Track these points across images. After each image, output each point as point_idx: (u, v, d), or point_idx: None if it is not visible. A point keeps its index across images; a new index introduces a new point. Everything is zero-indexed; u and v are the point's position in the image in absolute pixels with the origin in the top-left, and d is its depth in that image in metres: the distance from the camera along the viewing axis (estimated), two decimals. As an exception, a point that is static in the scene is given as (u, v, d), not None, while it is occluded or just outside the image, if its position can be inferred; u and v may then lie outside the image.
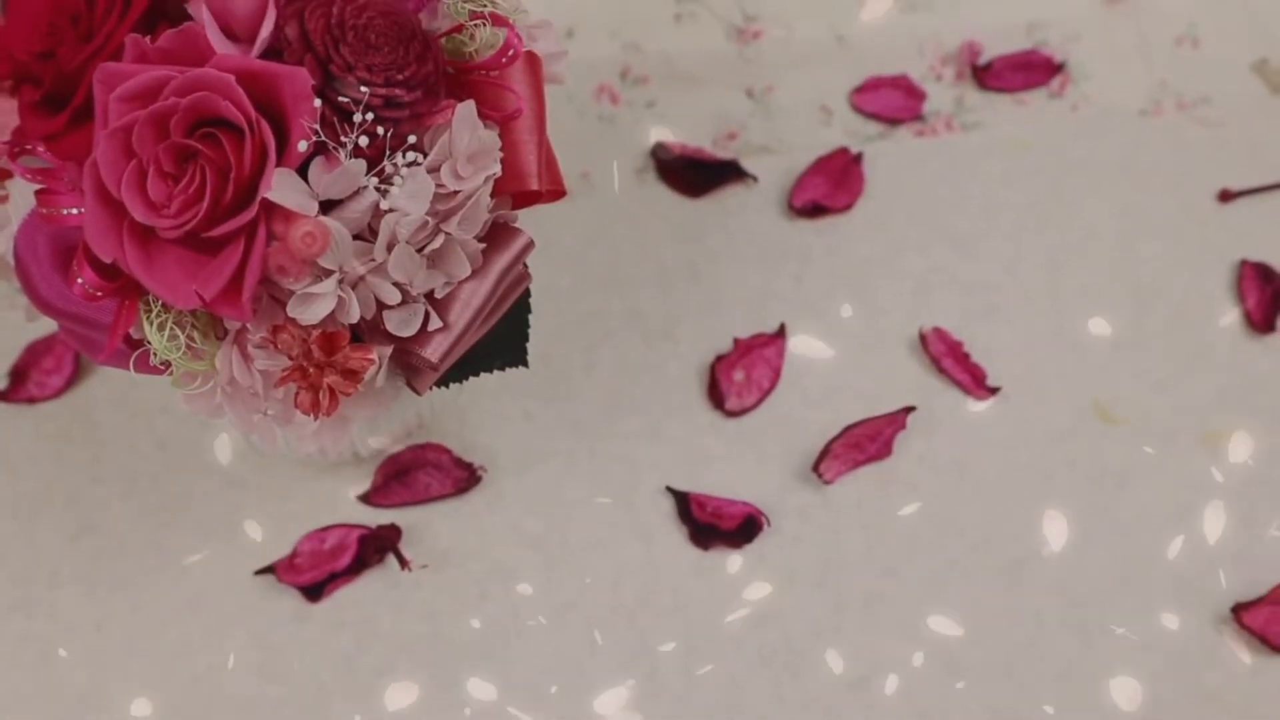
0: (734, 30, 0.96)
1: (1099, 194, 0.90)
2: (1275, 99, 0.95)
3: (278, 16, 0.56)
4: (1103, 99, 0.94)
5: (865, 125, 0.92)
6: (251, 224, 0.54)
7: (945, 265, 0.87)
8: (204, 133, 0.55)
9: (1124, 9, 0.98)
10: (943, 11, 0.97)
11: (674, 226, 0.88)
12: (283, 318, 0.56)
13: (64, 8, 0.59)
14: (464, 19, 0.59)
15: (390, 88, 0.54)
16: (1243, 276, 0.86)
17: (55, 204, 0.60)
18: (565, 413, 0.81)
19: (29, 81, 0.60)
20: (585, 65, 0.92)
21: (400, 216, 0.54)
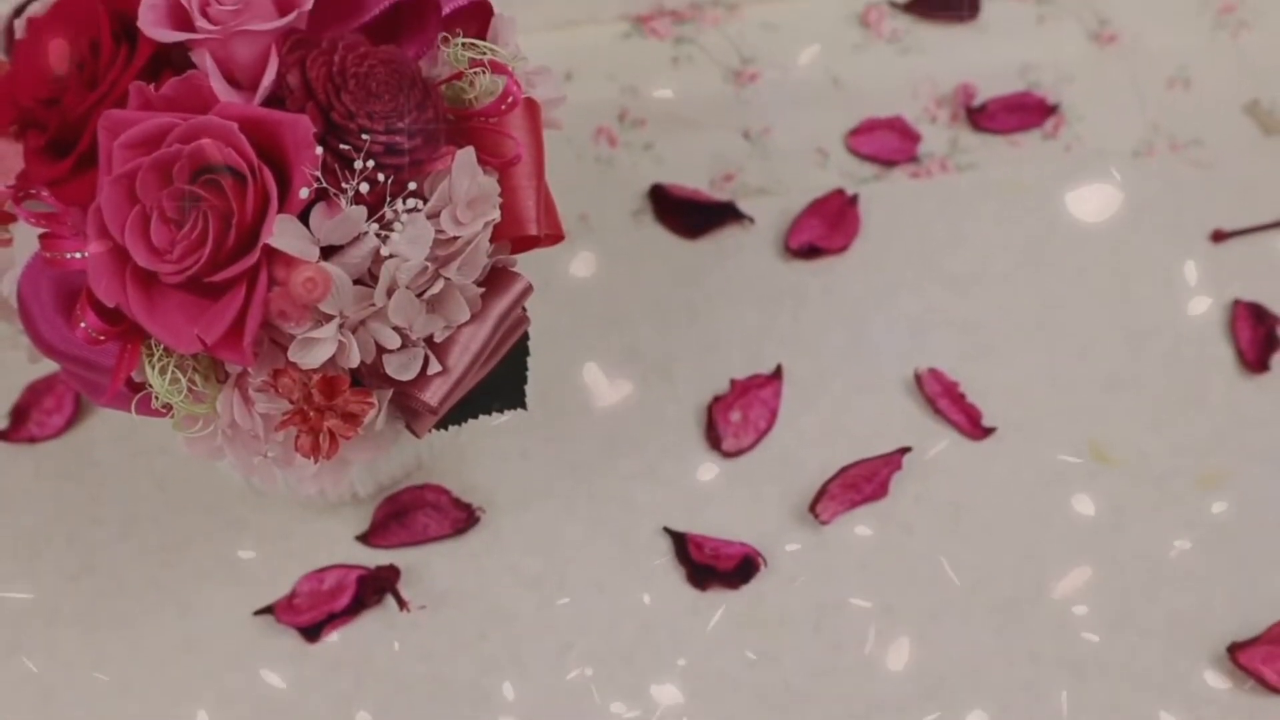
0: (731, 73, 0.97)
1: (1091, 233, 0.90)
2: (1266, 140, 0.95)
3: (280, 64, 0.57)
4: (1095, 140, 0.95)
5: (861, 167, 0.93)
6: (253, 269, 0.55)
7: (940, 306, 0.87)
8: (206, 179, 0.56)
9: (1116, 51, 0.99)
10: (937, 54, 0.98)
11: (671, 268, 0.88)
12: (284, 362, 0.57)
13: (70, 54, 0.60)
14: (464, 66, 0.60)
15: (391, 135, 0.55)
16: (1235, 316, 0.87)
17: (59, 248, 0.60)
18: (563, 453, 0.82)
19: (34, 127, 0.61)
20: (584, 108, 0.93)
21: (400, 262, 0.55)
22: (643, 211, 0.91)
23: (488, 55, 0.59)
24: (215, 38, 0.57)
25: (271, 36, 0.57)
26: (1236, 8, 1.02)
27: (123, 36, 0.60)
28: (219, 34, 0.57)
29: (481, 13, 0.63)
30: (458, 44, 0.59)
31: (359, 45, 0.57)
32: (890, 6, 1.01)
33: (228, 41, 0.57)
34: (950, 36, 0.99)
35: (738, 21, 0.99)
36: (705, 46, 0.98)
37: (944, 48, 0.99)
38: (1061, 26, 1.00)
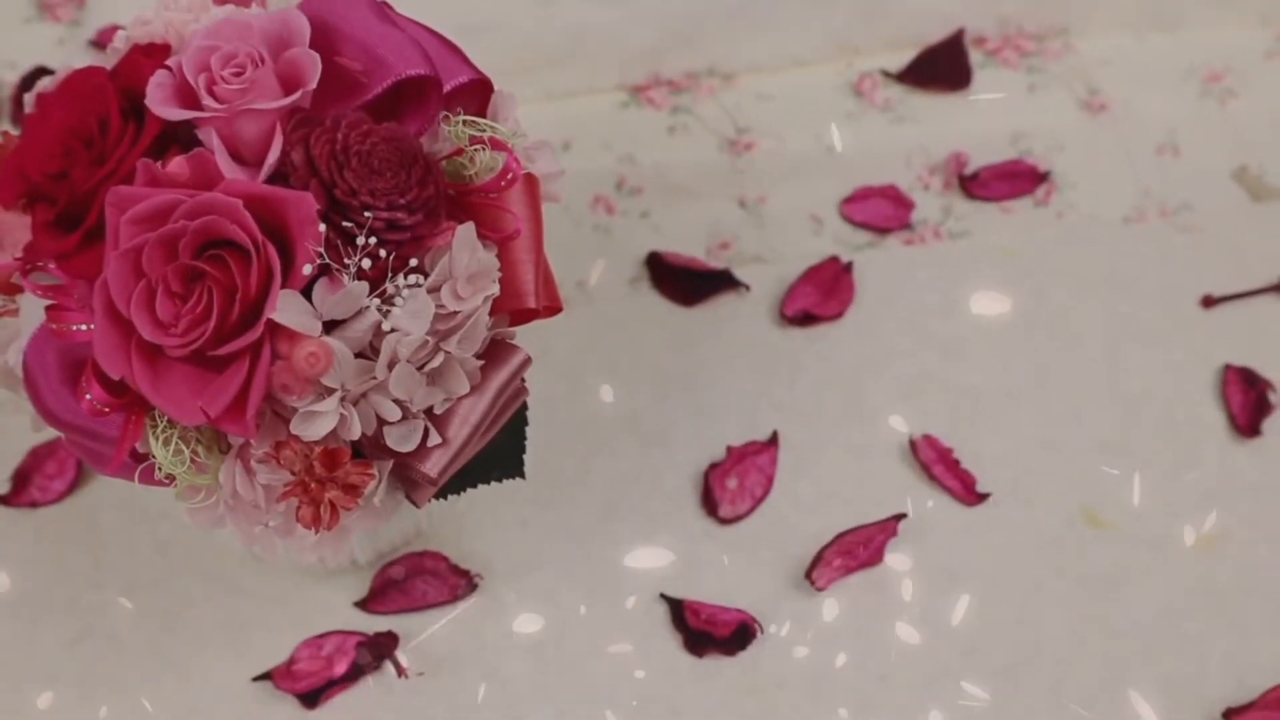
0: (726, 142, 0.99)
1: (1085, 300, 0.91)
2: (1255, 205, 0.97)
3: (284, 142, 0.58)
4: (1087, 207, 0.96)
5: (855, 234, 0.94)
6: (257, 343, 0.56)
7: (934, 372, 0.88)
8: (211, 254, 0.57)
9: (1105, 119, 1.01)
10: (929, 123, 1.00)
11: (668, 335, 0.89)
12: (286, 434, 0.57)
13: (78, 131, 0.61)
14: (464, 143, 0.61)
15: (393, 211, 0.56)
16: (1227, 381, 0.87)
17: (65, 320, 0.61)
18: (561, 520, 0.82)
19: (43, 201, 0.62)
20: (582, 176, 0.95)
21: (401, 336, 0.56)
22: (640, 279, 0.92)
23: (488, 132, 0.60)
24: (221, 116, 0.58)
25: (276, 114, 0.58)
26: (1224, 76, 1.03)
27: (131, 114, 0.61)
28: (225, 112, 0.58)
29: (482, 90, 0.65)
30: (458, 121, 0.61)
31: (362, 123, 0.58)
32: (883, 76, 1.02)
33: (233, 119, 0.58)
34: (942, 105, 1.01)
35: (733, 91, 1.01)
36: (701, 116, 1.00)
37: (936, 116, 1.00)
38: (1052, 95, 1.02)
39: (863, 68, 1.03)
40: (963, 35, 1.03)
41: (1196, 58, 1.04)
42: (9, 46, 1.05)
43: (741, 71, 1.02)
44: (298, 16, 0.61)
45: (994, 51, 1.04)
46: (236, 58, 0.59)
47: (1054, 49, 1.04)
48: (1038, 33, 1.05)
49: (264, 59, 0.59)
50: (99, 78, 0.63)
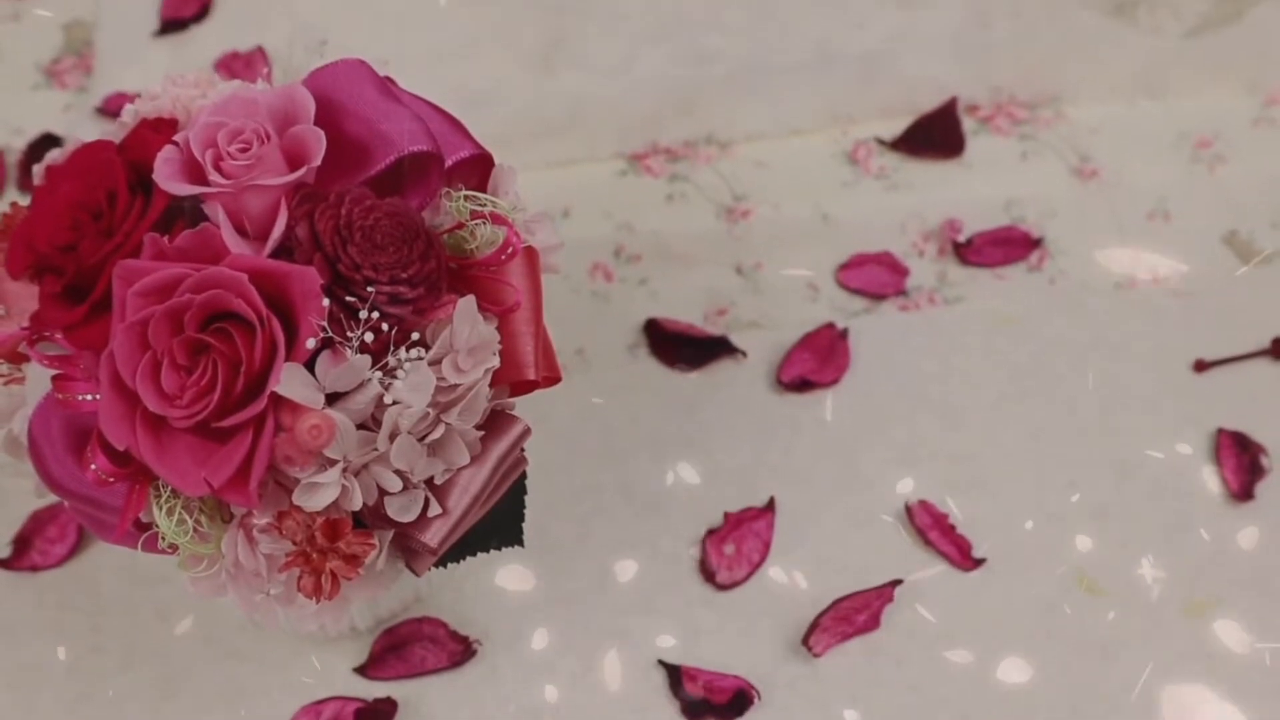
0: (723, 210, 1.00)
1: (1078, 365, 0.92)
2: (1246, 269, 0.97)
3: (289, 217, 0.59)
4: (1079, 273, 0.97)
5: (851, 300, 0.95)
6: (260, 416, 0.56)
7: (930, 438, 0.89)
8: (217, 327, 0.57)
9: (1097, 185, 1.02)
10: (924, 190, 1.01)
11: (666, 401, 0.90)
12: (288, 504, 0.58)
13: (87, 204, 0.62)
14: (465, 217, 0.62)
15: (395, 285, 0.57)
16: (1220, 445, 0.88)
17: (71, 390, 0.62)
18: (559, 586, 0.83)
19: (51, 272, 0.63)
20: (580, 244, 0.96)
21: (403, 409, 0.57)
22: (638, 345, 0.93)
23: (489, 207, 0.61)
24: (227, 192, 0.59)
25: (281, 190, 0.59)
26: (1213, 142, 1.04)
27: (138, 187, 0.62)
28: (231, 188, 0.59)
29: (483, 164, 0.66)
30: (460, 196, 0.62)
31: (365, 198, 0.59)
32: (878, 144, 1.04)
33: (239, 194, 0.59)
34: (936, 173, 1.02)
35: (730, 159, 1.02)
36: (699, 184, 1.01)
37: (930, 184, 1.01)
38: (1044, 162, 1.03)
39: (858, 136, 1.04)
40: (956, 104, 1.05)
41: (1186, 124, 1.06)
42: (16, 112, 1.06)
43: (738, 140, 1.03)
44: (303, 93, 0.62)
45: (987, 119, 1.05)
46: (243, 134, 0.60)
47: (1046, 117, 1.06)
48: (1030, 101, 1.07)
49: (270, 135, 0.60)
50: (107, 151, 0.64)
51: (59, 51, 1.11)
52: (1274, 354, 0.92)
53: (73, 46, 1.11)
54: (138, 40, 1.10)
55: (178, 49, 1.09)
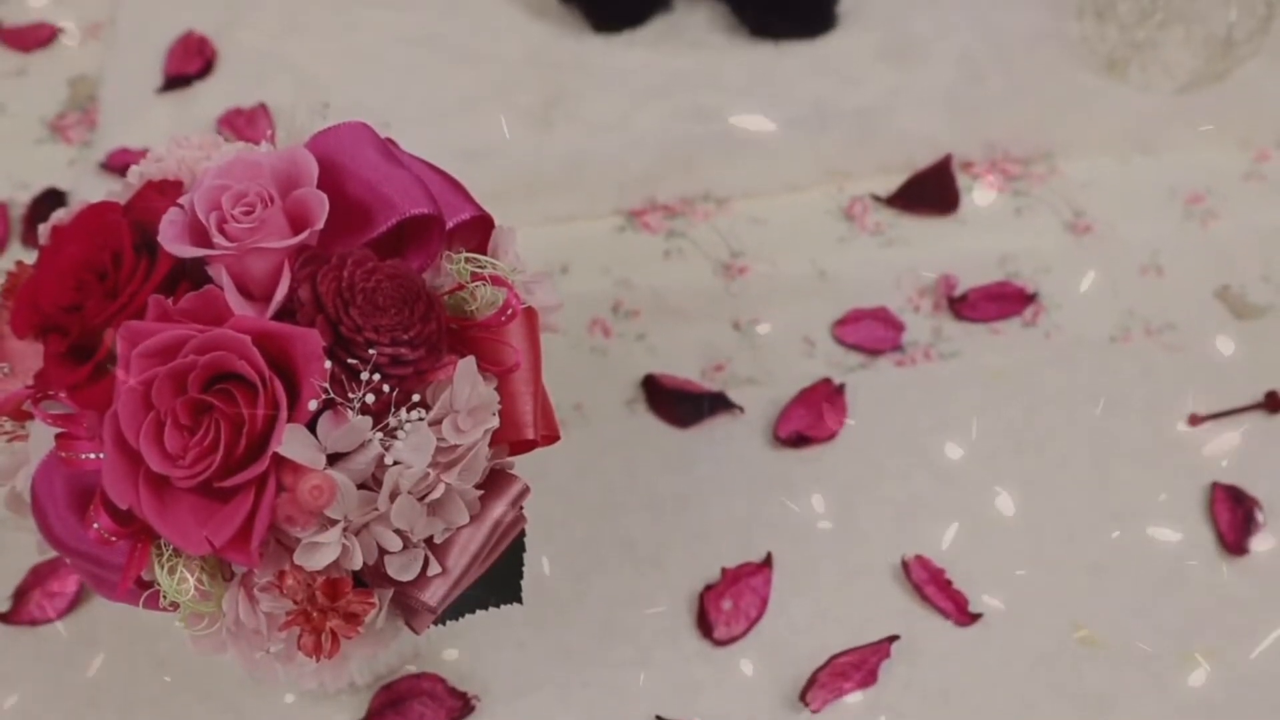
0: (721, 266, 1.01)
1: (1073, 419, 0.92)
2: (1238, 324, 0.98)
3: (292, 279, 0.59)
4: (1073, 327, 0.98)
5: (847, 356, 0.96)
6: (262, 476, 0.57)
7: (926, 492, 0.89)
8: (220, 387, 0.58)
9: (1091, 240, 1.03)
10: (919, 246, 1.02)
11: (663, 456, 0.90)
12: (289, 563, 0.58)
13: (92, 265, 0.63)
14: (466, 279, 0.62)
15: (396, 347, 0.58)
16: (1214, 499, 0.88)
17: (74, 449, 0.62)
18: (557, 641, 0.83)
19: (56, 332, 0.63)
20: (579, 300, 0.97)
21: (404, 469, 0.57)
22: (636, 400, 0.93)
23: (489, 269, 0.62)
24: (231, 254, 0.60)
25: (284, 252, 0.60)
26: (1204, 198, 1.06)
27: (143, 249, 0.63)
28: (235, 250, 0.60)
29: (483, 225, 0.66)
30: (460, 258, 0.63)
31: (367, 260, 0.60)
32: (873, 200, 1.05)
33: (243, 257, 0.60)
34: (931, 229, 1.03)
35: (727, 216, 1.03)
36: (696, 240, 1.02)
37: (926, 240, 1.02)
38: (1038, 218, 1.04)
39: (853, 192, 1.05)
40: (950, 160, 1.06)
41: (1178, 180, 1.07)
42: (21, 167, 1.07)
43: (735, 197, 1.05)
44: (306, 156, 0.63)
45: (981, 175, 1.07)
46: (247, 196, 0.61)
47: (1039, 173, 1.07)
48: (1023, 157, 1.08)
49: (273, 198, 0.61)
50: (113, 213, 0.65)
51: (64, 106, 1.12)
52: (1267, 407, 0.93)
53: (78, 101, 1.13)
54: (142, 96, 1.11)
55: (181, 105, 1.10)
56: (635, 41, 1.13)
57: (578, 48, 1.13)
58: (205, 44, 1.14)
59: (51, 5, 1.21)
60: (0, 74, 1.15)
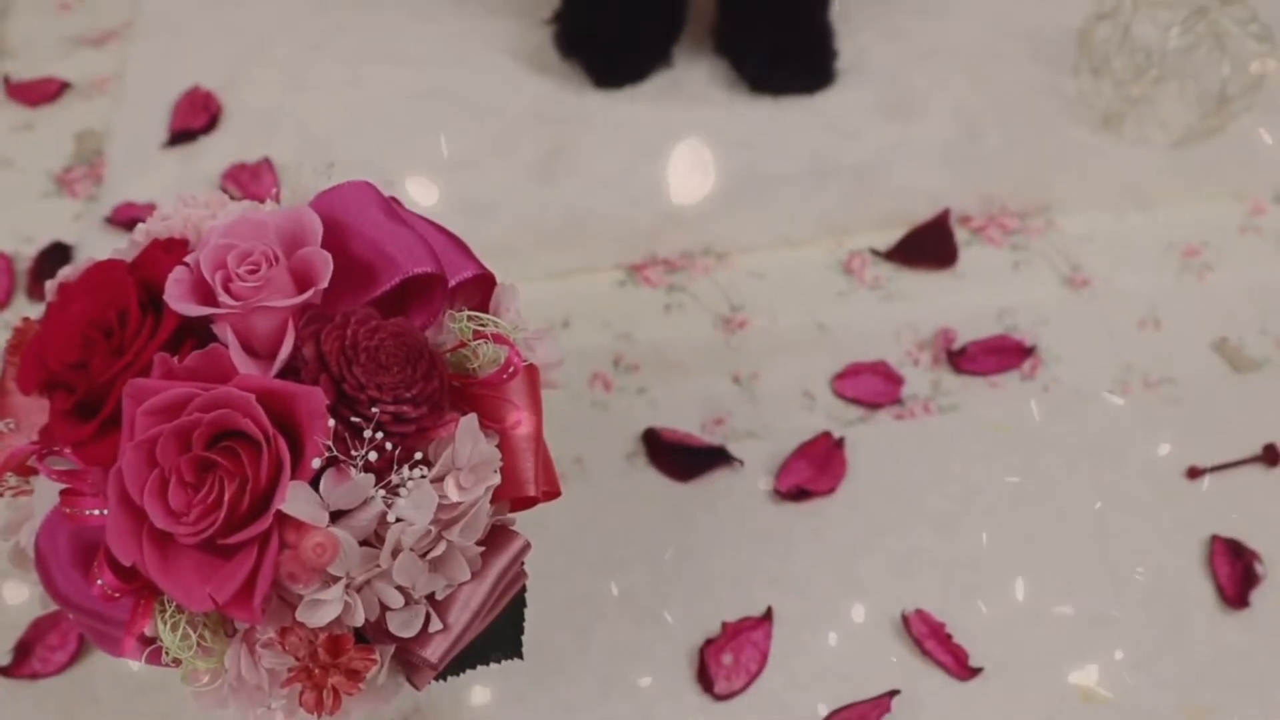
0: (721, 320, 1.01)
1: (1072, 472, 0.93)
2: (1236, 376, 0.99)
3: (296, 338, 0.60)
4: (1072, 380, 0.99)
5: (846, 409, 0.96)
6: (265, 533, 0.57)
7: (926, 546, 0.89)
8: (224, 445, 0.58)
9: (1088, 294, 1.04)
10: (918, 300, 1.03)
11: (664, 510, 0.90)
12: (291, 620, 0.58)
13: (98, 322, 0.63)
14: (468, 337, 0.63)
15: (399, 405, 0.58)
16: (1214, 552, 0.89)
17: (78, 505, 0.63)
18: (558, 695, 0.83)
19: (62, 388, 0.64)
20: (580, 354, 0.97)
21: (406, 526, 0.58)
22: (636, 454, 0.94)
23: (490, 327, 0.62)
24: (237, 312, 0.60)
25: (289, 311, 0.61)
26: (1201, 251, 1.07)
27: (149, 307, 0.63)
28: (240, 309, 0.60)
29: (485, 284, 0.67)
30: (463, 316, 0.63)
31: (370, 319, 0.60)
32: (872, 255, 1.05)
33: (248, 315, 0.60)
34: (930, 282, 1.04)
35: (727, 270, 1.04)
36: (696, 294, 1.03)
37: (924, 293, 1.03)
38: (1036, 272, 1.05)
39: (852, 246, 1.06)
40: (948, 215, 1.07)
41: (1174, 234, 1.08)
42: (27, 220, 1.08)
43: (735, 251, 1.05)
44: (310, 215, 0.64)
45: (979, 230, 1.08)
46: (252, 255, 0.61)
47: (1037, 227, 1.08)
48: (1021, 211, 1.09)
49: (278, 257, 0.61)
50: (119, 271, 0.65)
51: (70, 160, 1.13)
52: (1266, 460, 0.93)
53: (84, 156, 1.14)
54: (148, 151, 1.12)
55: (187, 160, 1.11)
56: (637, 96, 1.15)
57: (580, 103, 1.14)
58: (211, 99, 1.15)
59: (60, 60, 1.22)
60: (8, 128, 1.16)
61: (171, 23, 1.25)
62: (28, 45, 1.25)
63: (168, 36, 1.24)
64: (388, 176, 1.02)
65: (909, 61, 1.18)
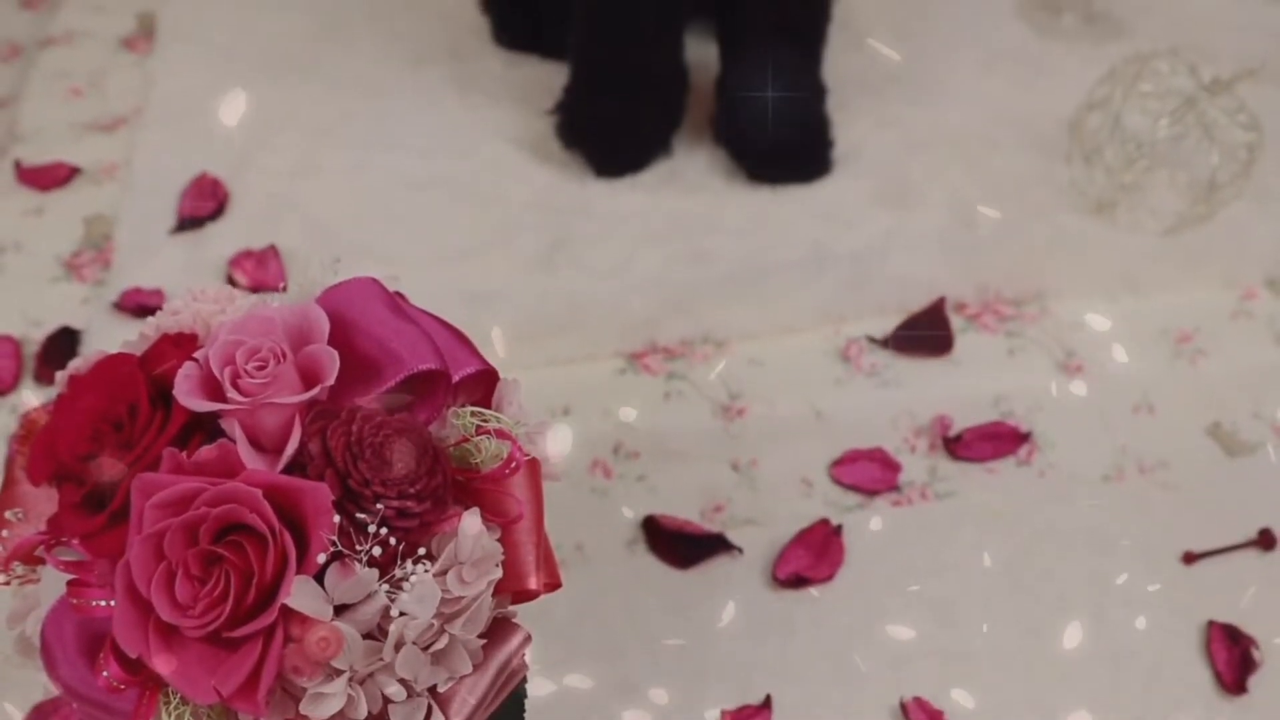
0: (720, 408, 1.02)
1: (1069, 558, 0.93)
2: (1231, 461, 1.00)
3: (303, 433, 0.61)
4: (1068, 466, 0.99)
5: (844, 496, 0.97)
6: (270, 627, 0.58)
7: (924, 633, 0.89)
8: (230, 539, 0.59)
9: (1083, 379, 1.05)
10: (914, 387, 1.04)
11: (663, 597, 0.91)
12: (294, 712, 0.59)
13: (108, 415, 0.64)
14: (471, 432, 0.64)
15: (403, 500, 0.59)
16: (1211, 638, 0.89)
17: (85, 596, 0.63)
18: (558, 785, 0.83)
19: (71, 480, 0.65)
20: (580, 441, 0.98)
21: (409, 620, 0.58)
22: (636, 541, 0.94)
23: (493, 423, 0.64)
24: (244, 408, 0.62)
25: (296, 407, 0.62)
26: (1193, 336, 1.08)
27: (159, 401, 0.64)
28: (248, 405, 0.61)
29: (488, 378, 0.68)
30: (466, 412, 0.64)
31: (375, 415, 0.61)
32: (869, 342, 1.07)
33: (256, 411, 0.62)
34: (927, 370, 1.05)
35: (726, 358, 1.05)
36: (696, 382, 1.04)
37: (921, 381, 1.04)
38: (1031, 358, 1.06)
39: (850, 334, 1.07)
40: (944, 302, 1.08)
41: (1167, 320, 1.10)
42: (36, 304, 1.09)
43: (734, 339, 1.06)
44: (318, 312, 0.65)
45: (974, 317, 1.09)
46: (260, 352, 0.63)
47: (1031, 314, 1.09)
48: (1015, 299, 1.10)
49: (286, 354, 0.63)
50: (129, 365, 0.66)
51: (79, 245, 1.15)
52: (1262, 545, 0.94)
53: (92, 240, 1.15)
54: (155, 237, 1.14)
55: (194, 246, 1.13)
56: (637, 186, 1.17)
57: (581, 192, 1.16)
58: (218, 186, 1.17)
59: (70, 145, 1.24)
60: (19, 212, 1.18)
61: (181, 110, 1.28)
62: (39, 130, 1.28)
63: (177, 123, 1.26)
64: (392, 264, 1.03)
65: (904, 150, 1.20)
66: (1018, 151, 1.20)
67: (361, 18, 1.42)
